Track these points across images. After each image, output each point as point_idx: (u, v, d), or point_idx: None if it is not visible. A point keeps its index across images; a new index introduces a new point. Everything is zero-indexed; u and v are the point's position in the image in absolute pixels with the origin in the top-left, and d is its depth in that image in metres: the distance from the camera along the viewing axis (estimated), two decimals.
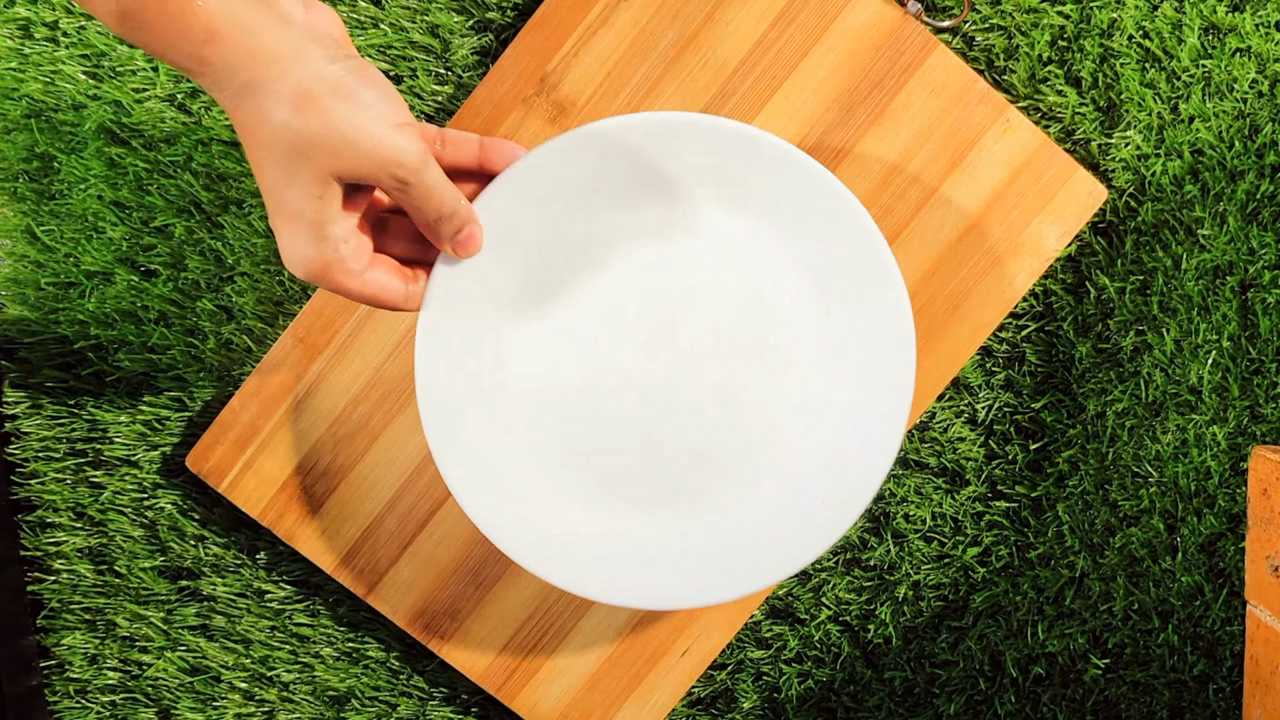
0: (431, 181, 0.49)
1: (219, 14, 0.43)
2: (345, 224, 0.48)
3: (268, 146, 0.45)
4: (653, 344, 0.59)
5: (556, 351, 0.60)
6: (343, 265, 0.49)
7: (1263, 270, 0.64)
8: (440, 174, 0.49)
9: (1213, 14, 0.62)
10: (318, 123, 0.45)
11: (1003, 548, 0.67)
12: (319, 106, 0.45)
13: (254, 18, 0.44)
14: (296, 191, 0.46)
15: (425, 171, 0.48)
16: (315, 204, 0.47)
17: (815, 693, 0.69)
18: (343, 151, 0.45)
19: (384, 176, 0.47)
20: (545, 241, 0.58)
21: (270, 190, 0.47)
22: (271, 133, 0.45)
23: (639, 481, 0.61)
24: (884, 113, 0.62)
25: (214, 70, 0.44)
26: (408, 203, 0.49)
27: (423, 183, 0.48)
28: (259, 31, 0.44)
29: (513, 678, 0.66)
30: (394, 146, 0.46)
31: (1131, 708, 0.68)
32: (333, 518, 0.65)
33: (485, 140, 0.53)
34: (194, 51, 0.43)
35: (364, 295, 0.50)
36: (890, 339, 0.57)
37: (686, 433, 0.60)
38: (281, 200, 0.47)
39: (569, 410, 0.60)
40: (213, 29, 0.43)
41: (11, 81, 0.64)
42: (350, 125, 0.45)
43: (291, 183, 0.46)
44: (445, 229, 0.52)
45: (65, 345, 0.67)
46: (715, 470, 0.61)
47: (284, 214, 0.47)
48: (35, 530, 0.68)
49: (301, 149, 0.45)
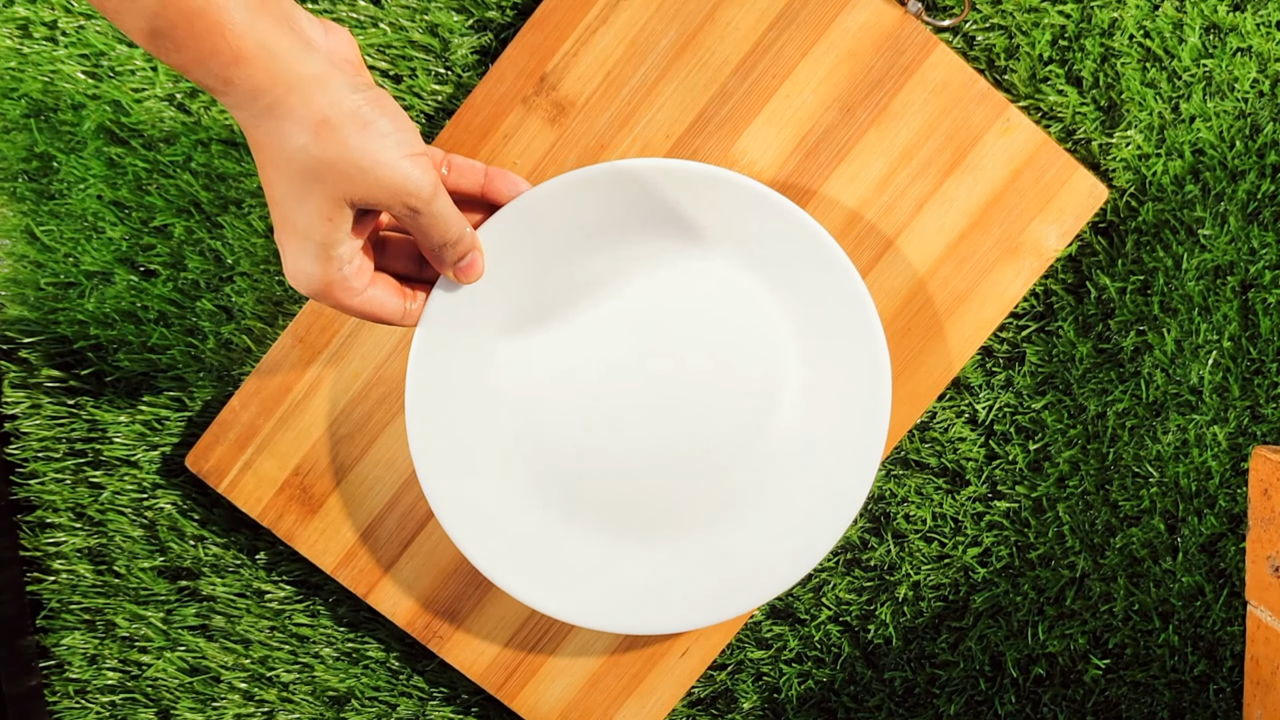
0: (439, 210, 0.51)
1: (248, 37, 0.44)
2: (351, 245, 0.50)
3: (283, 167, 0.47)
4: (642, 372, 0.62)
5: (545, 379, 0.62)
6: (345, 285, 0.50)
7: (1263, 270, 0.64)
8: (448, 203, 0.51)
9: (1214, 13, 0.62)
10: (336, 150, 0.46)
11: (1003, 548, 0.67)
12: (339, 135, 0.46)
13: (280, 41, 0.45)
14: (308, 213, 0.48)
15: (435, 201, 0.50)
16: (325, 226, 0.48)
17: (815, 693, 0.69)
18: (358, 179, 0.47)
19: (396, 204, 0.49)
20: (540, 271, 0.60)
21: (281, 208, 0.48)
22: (289, 156, 0.46)
23: (623, 507, 0.62)
24: (884, 112, 0.62)
25: (238, 91, 0.45)
26: (415, 229, 0.51)
27: (431, 211, 0.50)
28: (284, 55, 0.45)
29: (513, 677, 0.66)
30: (407, 176, 0.48)
31: (1132, 708, 0.68)
32: (333, 518, 0.65)
33: (490, 170, 0.56)
34: (221, 73, 0.45)
35: (363, 312, 0.52)
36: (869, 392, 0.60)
37: (668, 460, 0.62)
38: (291, 219, 0.48)
39: (555, 432, 0.62)
40: (240, 52, 0.44)
41: (11, 81, 0.64)
42: (367, 154, 0.47)
43: (304, 204, 0.48)
44: (449, 255, 0.54)
45: (65, 345, 0.67)
46: (697, 499, 0.63)
47: (293, 232, 0.49)
48: (35, 530, 0.68)
49: (318, 173, 0.47)
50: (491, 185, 0.56)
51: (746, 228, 0.59)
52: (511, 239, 0.58)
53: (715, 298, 0.61)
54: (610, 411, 0.61)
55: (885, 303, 0.63)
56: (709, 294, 0.61)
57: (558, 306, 0.61)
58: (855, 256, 0.62)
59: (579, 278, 0.61)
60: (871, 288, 0.63)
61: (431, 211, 0.50)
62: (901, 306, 0.63)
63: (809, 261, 0.59)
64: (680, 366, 0.61)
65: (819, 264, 0.59)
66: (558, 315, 0.61)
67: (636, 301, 0.61)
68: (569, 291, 0.61)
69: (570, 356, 0.61)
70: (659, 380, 0.61)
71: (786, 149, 0.62)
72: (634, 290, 0.61)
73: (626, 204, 0.59)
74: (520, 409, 0.62)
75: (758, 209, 0.58)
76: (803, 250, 0.59)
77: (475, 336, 0.60)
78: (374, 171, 0.47)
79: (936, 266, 0.63)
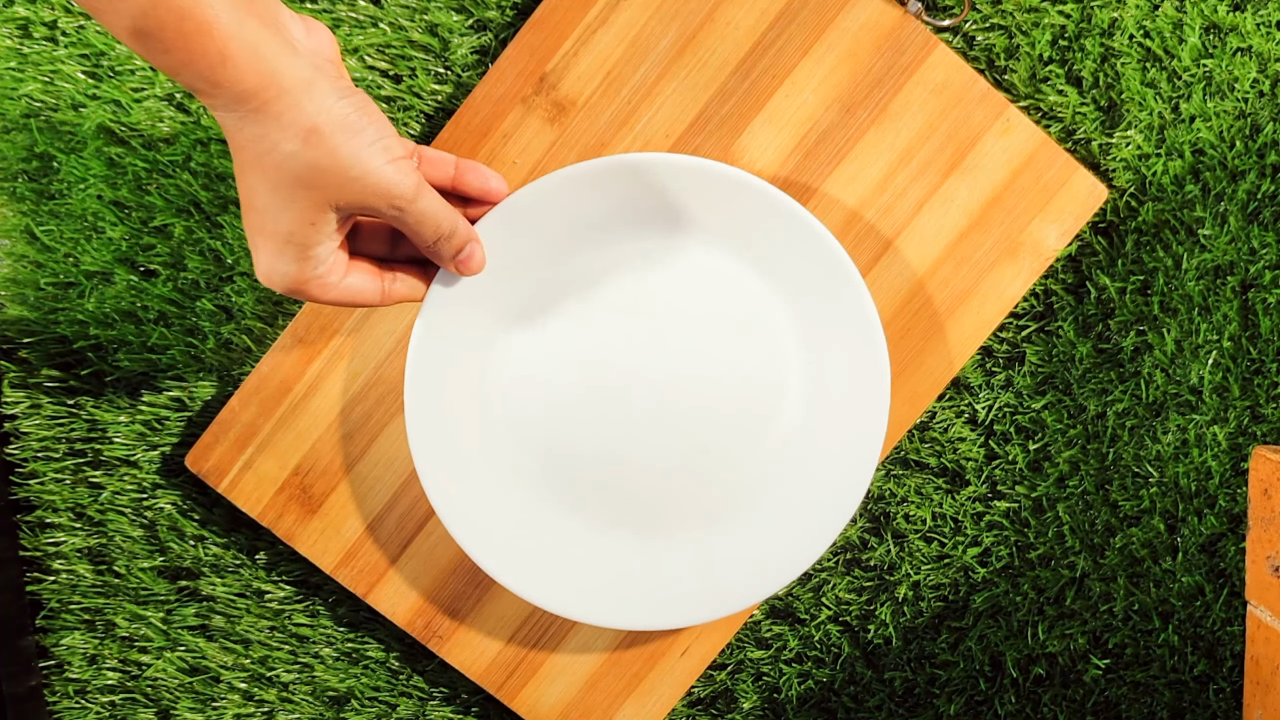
0: (426, 207, 0.51)
1: (236, 38, 0.44)
2: (329, 246, 0.50)
3: (269, 172, 0.47)
4: (642, 370, 0.62)
5: (545, 376, 0.62)
6: (321, 281, 0.51)
7: (1263, 270, 0.64)
8: (435, 198, 0.51)
9: (1214, 13, 0.62)
10: (326, 158, 0.47)
11: (1003, 548, 0.67)
12: (329, 143, 0.47)
13: (267, 43, 0.45)
14: (291, 218, 0.48)
15: (419, 200, 0.50)
16: (307, 229, 0.49)
17: (815, 693, 0.69)
18: (347, 186, 0.48)
19: (383, 206, 0.49)
20: (539, 269, 0.60)
21: (259, 212, 0.48)
22: (277, 162, 0.47)
23: (622, 503, 0.63)
24: (884, 112, 0.62)
25: (225, 94, 0.45)
26: (405, 228, 0.52)
27: (417, 210, 0.51)
28: (271, 58, 0.45)
29: (512, 677, 0.66)
30: (392, 180, 0.49)
31: (1132, 708, 0.68)
32: (332, 518, 0.65)
33: (460, 162, 0.56)
34: (208, 74, 0.44)
35: (340, 301, 0.53)
36: (869, 392, 0.60)
37: (668, 457, 0.62)
38: (272, 223, 0.49)
39: (555, 429, 0.62)
40: (227, 53, 0.44)
41: (10, 81, 0.64)
42: (355, 161, 0.47)
43: (288, 209, 0.48)
44: (445, 249, 0.54)
45: (65, 345, 0.67)
46: (696, 496, 0.63)
47: (271, 236, 0.49)
48: (35, 530, 0.68)
49: (306, 180, 0.47)
50: (462, 179, 0.56)
51: (747, 225, 0.59)
52: (512, 236, 0.58)
53: (715, 295, 0.61)
54: (610, 408, 0.62)
55: (885, 302, 0.63)
56: (709, 291, 0.61)
57: (557, 304, 0.61)
58: (855, 256, 0.62)
59: (577, 275, 0.61)
60: (871, 287, 0.63)
61: (418, 210, 0.50)
62: (901, 306, 0.63)
63: (809, 260, 0.59)
64: (680, 364, 0.61)
65: (819, 263, 0.59)
66: (557, 313, 0.61)
67: (636, 299, 0.61)
68: (568, 289, 0.61)
69: (570, 353, 0.61)
70: (659, 377, 0.61)
71: (786, 149, 0.62)
72: (633, 288, 0.61)
73: (628, 200, 0.59)
74: (519, 406, 0.62)
75: (759, 206, 0.58)
76: (804, 249, 0.59)
77: (474, 335, 0.60)
78: (362, 179, 0.48)
79: (936, 266, 0.63)
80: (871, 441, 0.60)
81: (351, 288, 0.52)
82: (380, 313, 0.63)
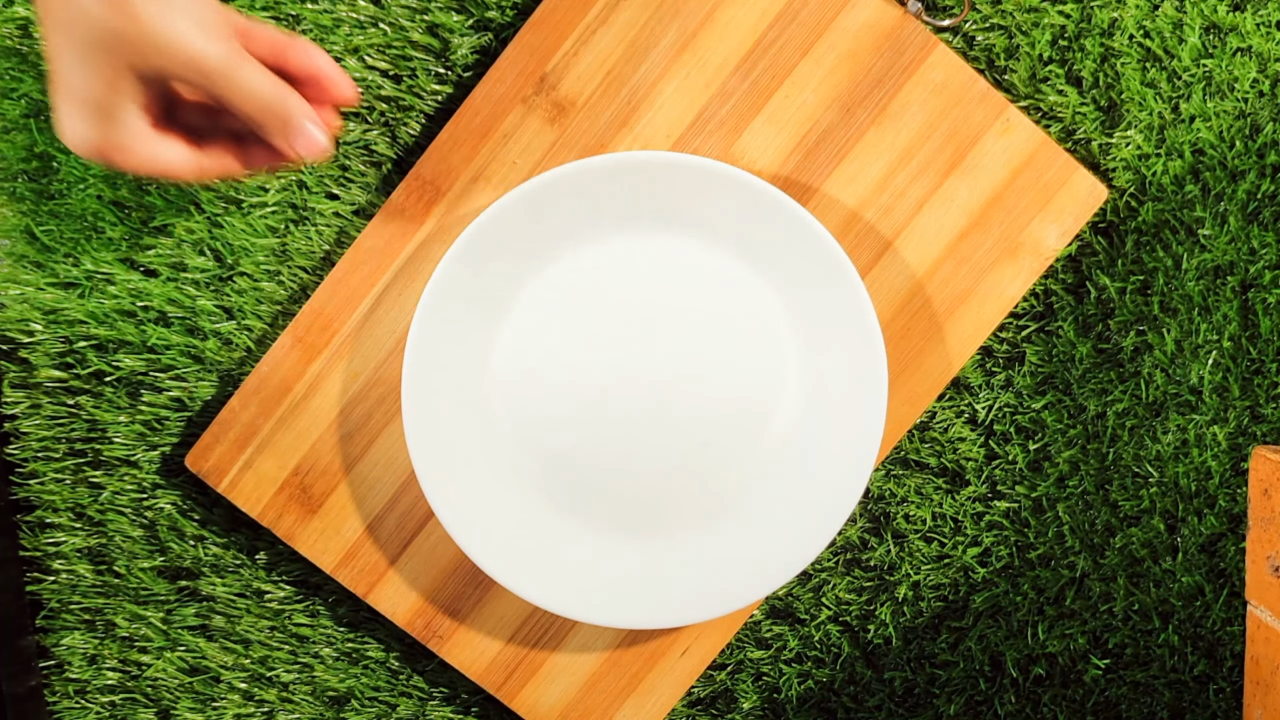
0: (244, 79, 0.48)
1: None
2: (131, 110, 0.48)
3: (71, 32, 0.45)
4: (641, 369, 0.62)
5: (543, 375, 0.62)
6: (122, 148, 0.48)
7: (1263, 270, 0.64)
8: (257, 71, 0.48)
9: (1214, 13, 0.62)
10: (129, 23, 0.45)
11: (1003, 548, 0.67)
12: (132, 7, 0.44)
13: None
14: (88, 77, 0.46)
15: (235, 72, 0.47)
16: (104, 91, 0.46)
17: (815, 693, 0.69)
18: (149, 52, 0.45)
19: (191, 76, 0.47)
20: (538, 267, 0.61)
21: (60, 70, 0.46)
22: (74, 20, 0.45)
23: (621, 502, 0.63)
24: (884, 112, 0.62)
25: None
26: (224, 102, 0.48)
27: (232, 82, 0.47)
28: None
29: (512, 677, 0.66)
30: (197, 49, 0.46)
31: (1132, 708, 0.68)
32: (332, 518, 0.65)
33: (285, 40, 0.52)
34: None
35: (150, 172, 0.50)
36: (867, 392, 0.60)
37: (668, 457, 0.62)
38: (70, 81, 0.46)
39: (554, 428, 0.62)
40: None
41: (10, 81, 0.64)
42: (157, 27, 0.45)
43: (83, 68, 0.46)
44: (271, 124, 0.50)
45: (65, 345, 0.67)
46: (695, 496, 0.63)
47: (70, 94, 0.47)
48: (34, 530, 0.68)
49: (104, 43, 0.45)
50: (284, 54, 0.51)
51: (747, 224, 0.59)
52: (510, 235, 0.58)
53: (715, 295, 0.61)
54: (609, 407, 0.62)
55: (885, 303, 0.63)
56: (709, 291, 0.61)
57: (557, 303, 0.61)
58: (855, 256, 0.62)
59: (577, 275, 0.61)
60: (871, 288, 0.63)
61: (234, 83, 0.47)
62: (901, 306, 0.63)
63: (809, 260, 0.59)
64: (680, 363, 0.61)
65: (819, 262, 0.59)
66: (556, 312, 0.61)
67: (636, 298, 0.61)
68: (568, 288, 0.61)
69: (569, 353, 0.61)
70: (658, 376, 0.61)
71: (786, 149, 0.62)
72: (633, 287, 0.61)
73: (628, 199, 0.59)
74: (519, 406, 0.62)
75: (759, 206, 0.58)
76: (803, 249, 0.59)
77: (472, 334, 0.60)
78: (167, 48, 0.45)
79: (936, 266, 0.63)
80: (870, 441, 0.60)
81: (160, 158, 0.50)
82: (380, 313, 0.63)
